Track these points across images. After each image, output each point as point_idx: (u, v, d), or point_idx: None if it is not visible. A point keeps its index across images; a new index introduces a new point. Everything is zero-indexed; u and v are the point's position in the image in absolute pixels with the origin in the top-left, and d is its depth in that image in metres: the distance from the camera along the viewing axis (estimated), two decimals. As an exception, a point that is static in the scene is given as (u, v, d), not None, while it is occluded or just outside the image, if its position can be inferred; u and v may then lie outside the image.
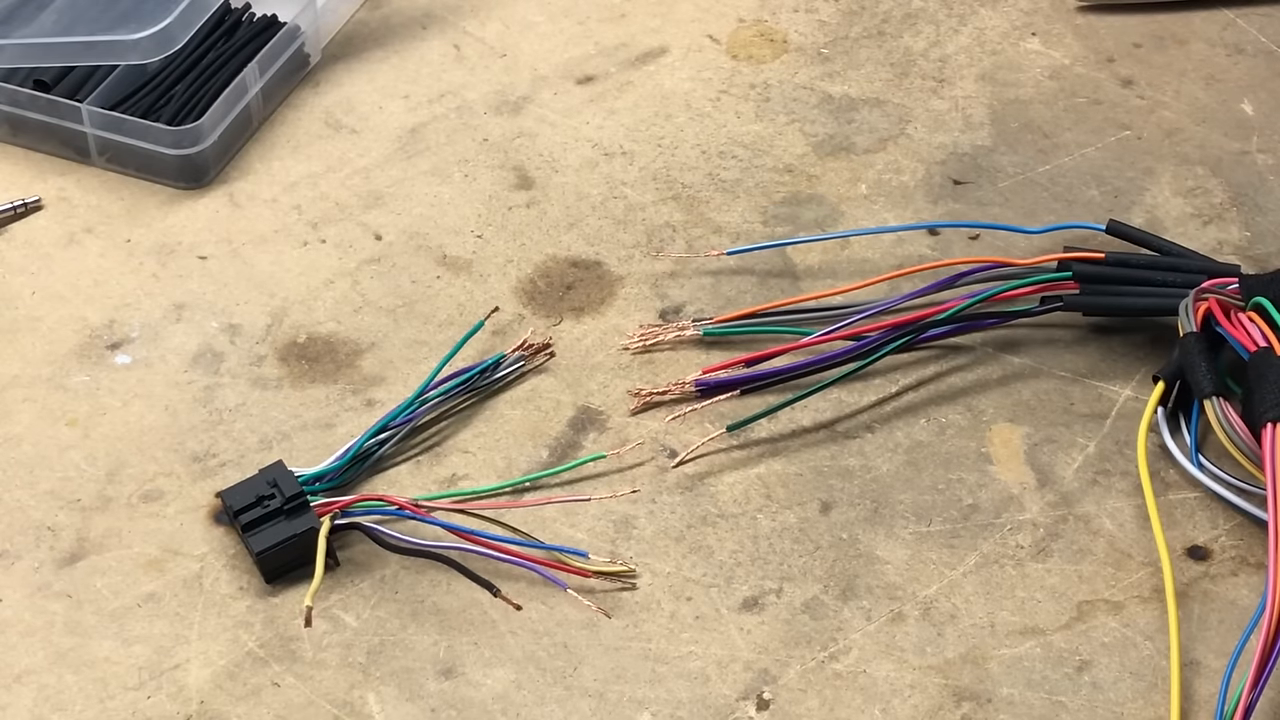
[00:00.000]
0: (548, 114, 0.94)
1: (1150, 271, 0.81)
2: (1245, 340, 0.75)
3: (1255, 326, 0.75)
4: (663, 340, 0.82)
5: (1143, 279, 0.81)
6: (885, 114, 0.94)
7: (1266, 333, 0.75)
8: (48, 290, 0.86)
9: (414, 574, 0.74)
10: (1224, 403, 0.74)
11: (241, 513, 0.74)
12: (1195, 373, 0.75)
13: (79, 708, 0.70)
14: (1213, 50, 0.97)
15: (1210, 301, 0.77)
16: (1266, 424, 0.71)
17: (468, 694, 0.70)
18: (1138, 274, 0.81)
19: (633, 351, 0.82)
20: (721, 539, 0.75)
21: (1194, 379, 0.75)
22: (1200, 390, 0.75)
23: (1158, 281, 0.80)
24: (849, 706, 0.69)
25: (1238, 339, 0.75)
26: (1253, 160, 0.91)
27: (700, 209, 0.89)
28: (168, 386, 0.81)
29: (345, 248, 0.88)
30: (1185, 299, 0.78)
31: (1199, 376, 0.75)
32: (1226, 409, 0.74)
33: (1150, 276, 0.81)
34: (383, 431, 0.78)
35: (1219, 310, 0.76)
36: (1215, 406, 0.74)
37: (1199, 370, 0.75)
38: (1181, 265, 0.81)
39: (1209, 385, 0.75)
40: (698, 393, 0.79)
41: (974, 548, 0.75)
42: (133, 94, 0.93)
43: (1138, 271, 0.81)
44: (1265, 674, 0.66)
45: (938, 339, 0.81)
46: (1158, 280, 0.80)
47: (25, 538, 0.75)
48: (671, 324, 0.83)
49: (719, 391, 0.79)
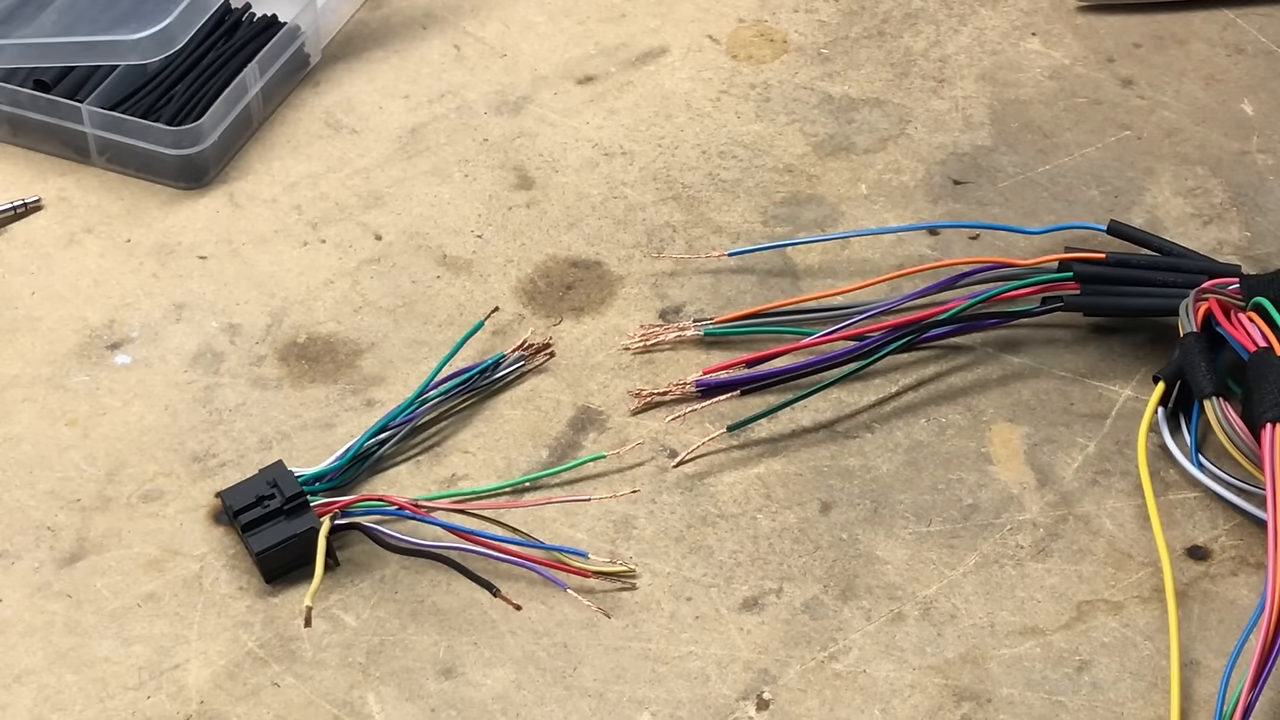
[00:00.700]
0: (548, 114, 0.94)
1: (1151, 272, 0.81)
2: (1245, 340, 0.75)
3: (1255, 326, 0.75)
4: (663, 340, 0.82)
5: (1143, 279, 0.81)
6: (885, 114, 0.94)
7: (1266, 333, 0.75)
8: (48, 290, 0.86)
9: (414, 574, 0.74)
10: (1224, 403, 0.74)
11: (241, 513, 0.74)
12: (1195, 373, 0.75)
13: (79, 708, 0.70)
14: (1213, 50, 0.97)
15: (1211, 302, 0.77)
16: (1266, 424, 0.71)
17: (468, 694, 0.70)
18: (1138, 274, 0.81)
19: (633, 351, 0.82)
20: (721, 539, 0.75)
21: (1194, 379, 0.75)
22: (1200, 390, 0.75)
23: (1158, 282, 0.80)
24: (849, 706, 0.69)
25: (1238, 339, 0.75)
26: (1253, 160, 0.91)
27: (700, 209, 0.89)
28: (168, 386, 0.81)
29: (345, 248, 0.88)
30: (1186, 299, 0.78)
31: (1199, 376, 0.75)
32: (1226, 409, 0.74)
33: (1151, 277, 0.81)
34: (383, 431, 0.78)
35: (1219, 310, 0.76)
36: (1215, 406, 0.74)
37: (1199, 370, 0.75)
38: (1182, 265, 0.81)
39: (1209, 385, 0.75)
40: (698, 393, 0.79)
41: (974, 548, 0.75)
42: (133, 94, 0.93)
43: (1138, 272, 0.81)
44: (1265, 673, 0.66)
45: (939, 339, 0.81)
46: (1158, 280, 0.80)
47: (25, 538, 0.75)
48: (672, 324, 0.83)
49: (719, 392, 0.79)
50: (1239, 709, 0.65)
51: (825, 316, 0.82)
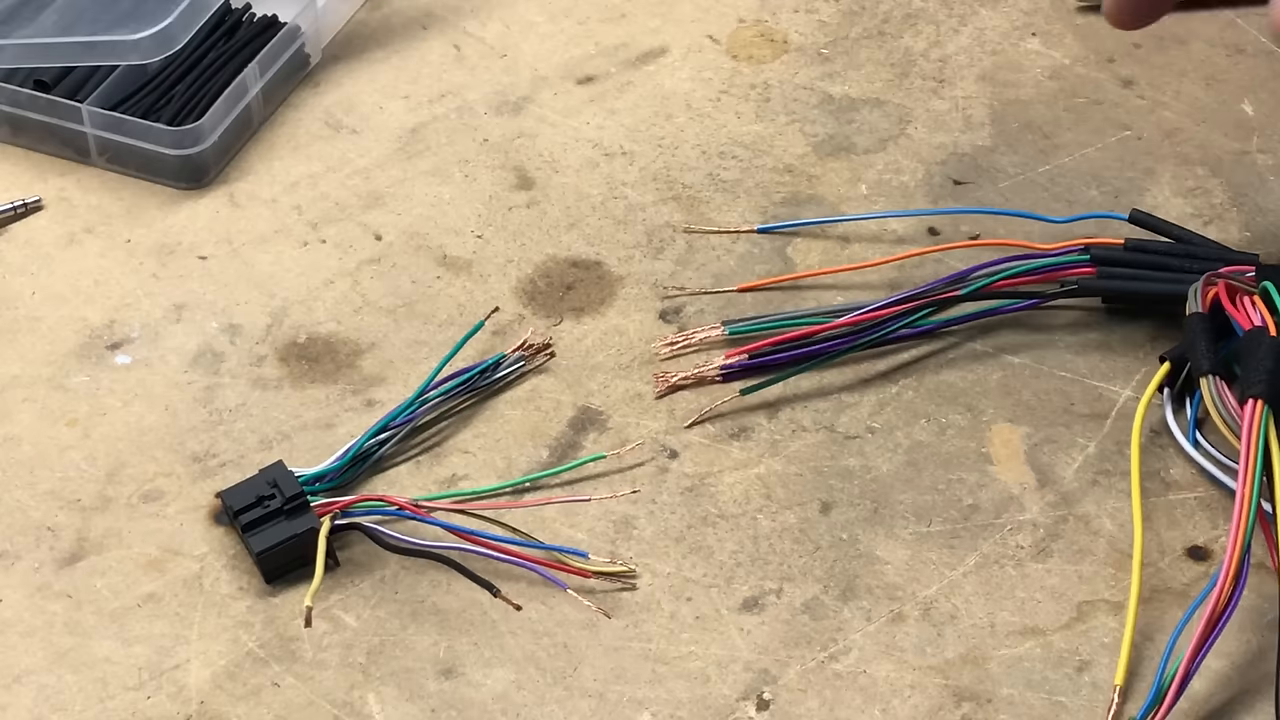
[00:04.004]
0: (548, 114, 0.94)
1: (1169, 258, 0.82)
2: (1244, 321, 0.76)
3: (1257, 310, 0.76)
4: (690, 344, 0.82)
5: (1161, 264, 0.82)
6: (885, 114, 0.94)
7: (1265, 315, 0.75)
8: (48, 290, 0.86)
9: (414, 574, 0.74)
10: (1219, 380, 0.74)
11: (241, 513, 0.74)
12: (1195, 351, 0.76)
13: (79, 708, 0.70)
14: (1213, 50, 0.97)
15: (1220, 285, 0.77)
16: (1249, 399, 0.72)
17: (468, 694, 0.70)
18: (1156, 259, 0.82)
19: (662, 359, 0.81)
20: (721, 539, 0.75)
21: (1193, 357, 0.76)
22: (1198, 368, 0.75)
23: (1176, 268, 0.81)
24: (849, 706, 0.69)
25: (1237, 320, 0.76)
26: (1253, 160, 0.91)
27: (700, 209, 0.89)
28: (168, 386, 0.81)
29: (345, 248, 0.88)
30: (1195, 283, 0.78)
31: (1198, 355, 0.76)
32: (1221, 387, 0.74)
33: (1169, 263, 0.81)
34: (383, 431, 0.78)
35: (1225, 294, 0.77)
36: (1210, 383, 0.74)
37: (1198, 349, 0.76)
38: (1200, 253, 0.82)
39: (1206, 363, 0.75)
40: (721, 377, 0.79)
41: (974, 548, 0.75)
42: (133, 94, 0.93)
43: (1156, 257, 0.82)
44: (1209, 643, 0.66)
45: (960, 323, 0.82)
46: (1176, 266, 0.81)
47: (25, 538, 0.75)
48: (695, 329, 0.82)
49: (744, 376, 0.79)
50: (1178, 676, 0.65)
51: (842, 309, 0.82)
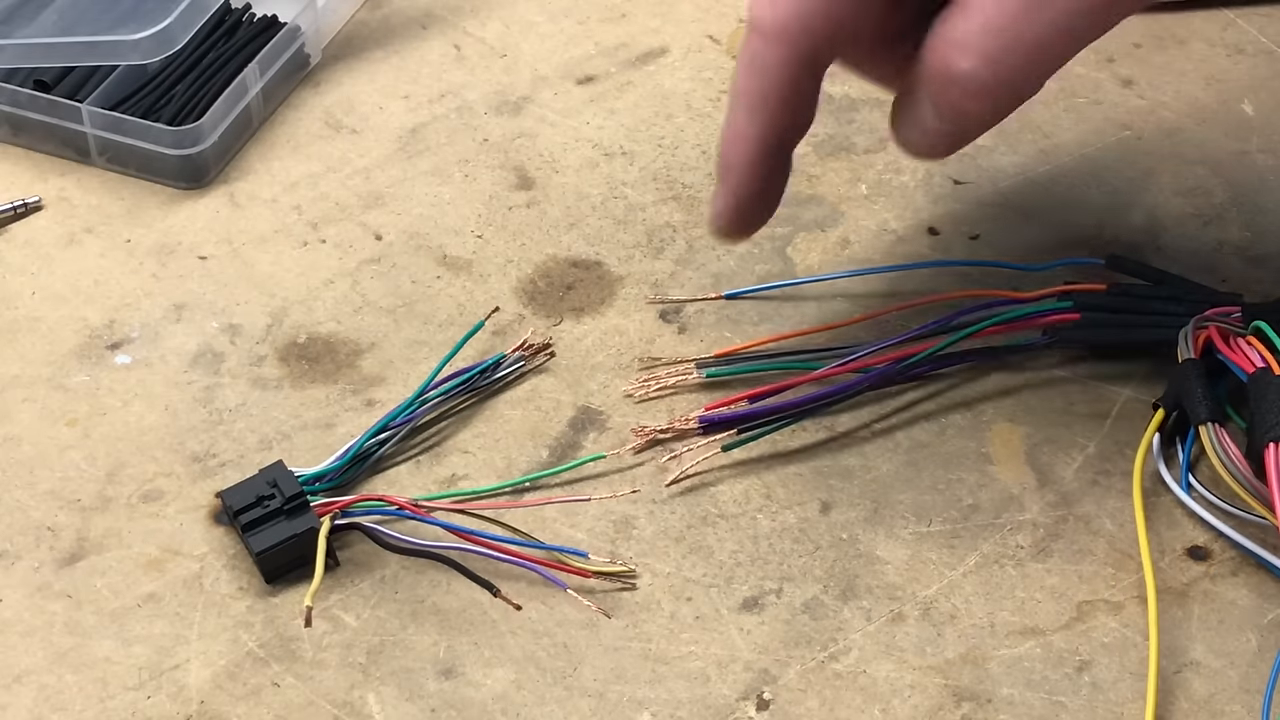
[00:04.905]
0: (548, 114, 0.94)
1: (1152, 301, 0.80)
2: (1244, 364, 0.74)
3: (1254, 350, 0.74)
4: (665, 386, 0.81)
5: (1145, 309, 0.80)
6: (885, 114, 0.93)
7: (1265, 355, 0.74)
8: (48, 290, 0.86)
9: (414, 574, 0.74)
10: (1219, 429, 0.73)
11: (241, 513, 0.74)
12: (1191, 399, 0.75)
13: (79, 708, 0.70)
14: (1213, 50, 0.97)
15: (1210, 329, 0.76)
16: (1269, 444, 0.70)
17: (468, 694, 0.70)
18: (1140, 304, 0.80)
19: (635, 400, 0.81)
20: (721, 539, 0.75)
21: (1190, 405, 0.75)
22: (1196, 416, 0.74)
23: (1160, 311, 0.80)
24: (849, 706, 0.69)
25: (1237, 363, 0.74)
26: (1253, 160, 0.91)
27: (701, 209, 0.89)
28: (168, 386, 0.81)
29: (345, 248, 0.88)
30: (1185, 326, 0.77)
31: (1195, 403, 0.74)
32: (1221, 435, 0.73)
33: (1152, 306, 0.80)
34: (383, 431, 0.78)
35: (1218, 337, 0.75)
36: (1210, 432, 0.74)
37: (1195, 397, 0.74)
38: (1184, 295, 0.80)
39: (1204, 411, 0.74)
40: (700, 429, 0.79)
41: (974, 548, 0.75)
42: (133, 94, 0.93)
43: (1141, 301, 0.80)
44: None
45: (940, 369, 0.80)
46: (1160, 310, 0.80)
47: (25, 538, 0.75)
48: (673, 367, 0.81)
49: (722, 428, 0.78)
50: None
51: (826, 355, 0.80)
